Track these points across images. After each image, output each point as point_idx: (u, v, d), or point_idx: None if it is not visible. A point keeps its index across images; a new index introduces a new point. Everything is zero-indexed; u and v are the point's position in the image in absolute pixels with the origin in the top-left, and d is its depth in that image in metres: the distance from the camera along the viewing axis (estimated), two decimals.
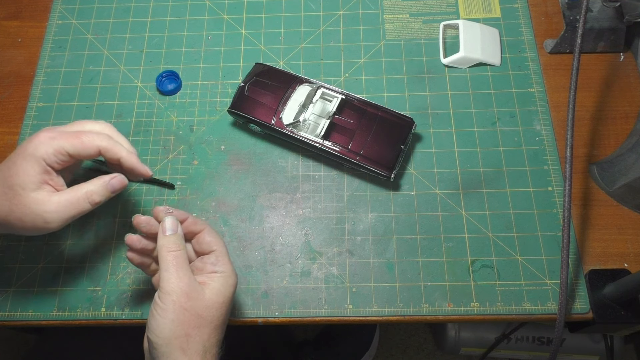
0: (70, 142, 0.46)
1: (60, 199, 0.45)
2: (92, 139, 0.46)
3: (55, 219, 0.45)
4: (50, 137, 0.46)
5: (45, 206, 0.45)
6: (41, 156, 0.45)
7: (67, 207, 0.45)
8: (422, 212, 0.58)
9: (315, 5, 0.70)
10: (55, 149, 0.45)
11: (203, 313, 0.43)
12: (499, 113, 0.62)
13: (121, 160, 0.48)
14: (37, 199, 0.45)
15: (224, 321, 0.45)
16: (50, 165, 0.46)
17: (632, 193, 0.56)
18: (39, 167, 0.45)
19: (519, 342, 0.96)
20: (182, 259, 0.45)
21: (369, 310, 0.54)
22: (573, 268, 0.55)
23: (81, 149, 0.46)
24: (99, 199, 0.47)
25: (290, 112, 0.59)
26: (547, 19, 0.67)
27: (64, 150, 0.46)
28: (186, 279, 0.43)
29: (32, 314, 0.55)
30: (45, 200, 0.45)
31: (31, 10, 0.72)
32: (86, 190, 0.46)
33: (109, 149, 0.47)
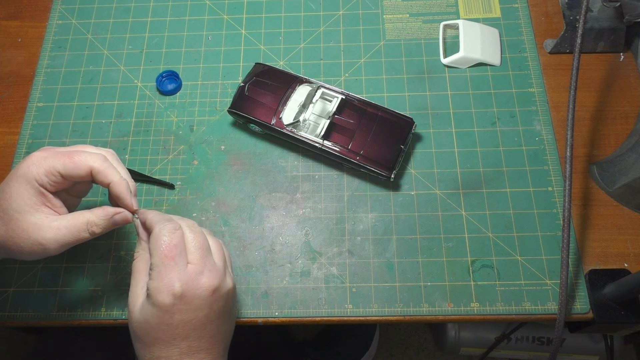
0: (62, 161, 0.43)
1: (60, 225, 0.43)
2: (84, 159, 0.44)
3: (53, 246, 0.43)
4: (42, 156, 0.44)
5: (43, 232, 0.42)
6: (33, 177, 0.43)
7: (66, 235, 0.43)
8: (422, 212, 0.58)
9: (315, 5, 0.70)
10: (46, 169, 0.43)
11: (133, 328, 0.44)
12: (499, 113, 0.62)
13: (111, 185, 0.45)
14: (35, 224, 0.43)
15: (157, 339, 0.43)
16: (43, 186, 0.43)
17: (632, 193, 0.56)
18: (32, 188, 0.43)
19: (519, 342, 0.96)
20: (136, 267, 0.45)
21: (369, 310, 0.54)
22: (573, 268, 0.55)
23: (72, 168, 0.43)
24: (99, 230, 0.44)
25: (290, 112, 0.59)
26: (547, 19, 0.67)
27: (55, 169, 0.43)
28: (132, 290, 0.45)
29: (32, 314, 0.55)
30: (43, 225, 0.43)
31: (31, 10, 0.72)
32: (87, 220, 0.44)
33: (100, 171, 0.44)
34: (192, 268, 0.42)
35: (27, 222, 0.42)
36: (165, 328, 0.42)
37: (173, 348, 0.42)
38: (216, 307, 0.43)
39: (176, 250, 0.42)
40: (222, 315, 0.44)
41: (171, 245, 0.42)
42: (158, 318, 0.42)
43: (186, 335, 0.42)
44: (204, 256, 0.43)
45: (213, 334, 0.44)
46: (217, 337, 0.44)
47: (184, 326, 0.42)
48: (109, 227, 0.45)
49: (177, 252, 0.42)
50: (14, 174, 0.44)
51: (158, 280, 0.41)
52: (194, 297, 0.42)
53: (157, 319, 0.42)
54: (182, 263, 0.42)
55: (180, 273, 0.42)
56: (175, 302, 0.41)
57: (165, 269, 0.41)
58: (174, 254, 0.42)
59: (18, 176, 0.43)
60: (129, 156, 0.62)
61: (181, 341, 0.42)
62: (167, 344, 0.42)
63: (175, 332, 0.42)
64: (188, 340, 0.43)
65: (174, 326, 0.42)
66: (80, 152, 0.44)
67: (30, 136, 0.64)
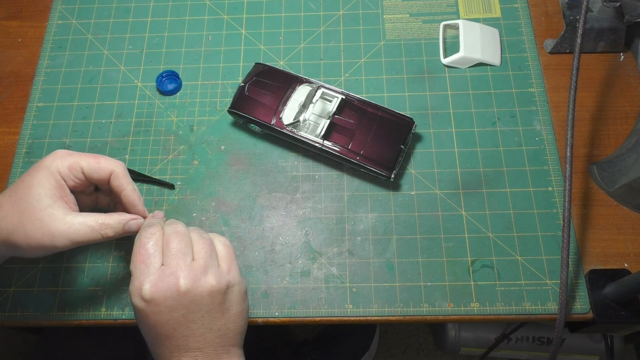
0: (87, 160, 0.46)
1: (74, 220, 0.44)
2: (108, 162, 0.47)
3: (62, 240, 0.43)
4: (67, 152, 0.46)
5: (57, 223, 0.43)
6: (57, 169, 0.45)
7: (78, 232, 0.44)
8: (422, 212, 0.58)
9: (315, 5, 0.70)
10: (70, 164, 0.45)
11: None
12: (499, 113, 0.62)
13: (124, 192, 0.47)
14: (51, 213, 0.43)
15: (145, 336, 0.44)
16: (65, 179, 0.45)
17: (632, 193, 0.56)
18: (54, 179, 0.44)
19: (519, 342, 0.96)
20: None
21: (369, 310, 0.54)
22: (573, 268, 0.55)
23: (96, 168, 0.46)
24: (112, 234, 0.45)
25: (290, 112, 0.59)
26: (547, 19, 0.67)
27: (79, 166, 0.46)
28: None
29: (32, 314, 0.55)
30: (58, 217, 0.43)
31: (31, 10, 0.72)
32: (102, 222, 0.45)
33: (120, 177, 0.47)
34: (162, 270, 0.42)
35: (44, 211, 0.43)
36: (147, 329, 0.43)
37: (161, 347, 0.43)
38: (195, 307, 0.42)
39: (146, 253, 0.43)
40: (211, 314, 0.43)
41: (143, 248, 0.43)
42: (139, 319, 0.43)
43: (168, 334, 0.42)
44: (178, 256, 0.43)
45: (202, 333, 0.43)
46: (207, 336, 0.43)
47: (162, 326, 0.42)
48: (121, 232, 0.46)
49: (148, 255, 0.43)
50: (37, 166, 0.45)
51: (131, 283, 0.42)
52: (165, 299, 0.42)
53: (139, 320, 0.43)
54: (153, 266, 0.42)
55: (150, 276, 0.42)
56: (145, 305, 0.42)
57: (136, 272, 0.42)
58: (144, 257, 0.43)
59: (42, 167, 0.45)
60: (129, 156, 0.62)
61: (165, 340, 0.43)
62: (156, 343, 0.43)
63: (157, 331, 0.42)
64: (173, 339, 0.43)
65: (153, 326, 0.42)
66: (104, 156, 0.48)
67: (30, 136, 0.64)
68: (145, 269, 0.42)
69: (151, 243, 0.43)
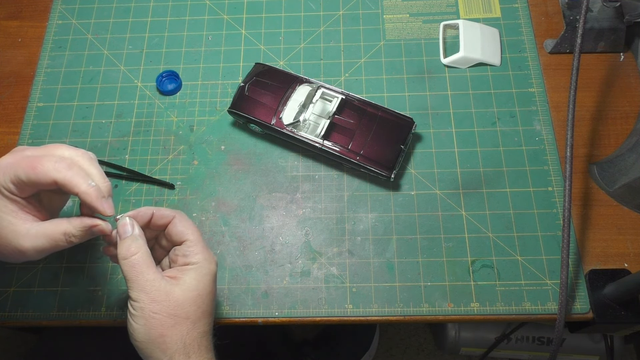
0: (24, 170, 0.41)
1: (38, 233, 0.42)
2: (46, 169, 0.41)
3: (31, 252, 0.42)
4: (9, 163, 0.42)
5: (20, 239, 0.42)
6: (1, 185, 0.41)
7: (44, 243, 0.42)
8: (422, 212, 0.58)
9: (315, 5, 0.70)
10: (11, 178, 0.41)
11: (175, 312, 0.42)
12: (499, 113, 0.62)
13: (79, 195, 0.41)
14: (12, 231, 0.42)
15: (205, 312, 0.44)
16: (13, 193, 0.42)
17: (632, 193, 0.56)
18: (3, 196, 0.42)
19: (519, 342, 0.96)
20: (141, 262, 0.42)
21: (369, 310, 0.54)
22: (573, 268, 0.55)
23: (34, 179, 0.41)
24: (77, 240, 0.43)
25: (290, 112, 0.59)
26: (547, 19, 0.67)
27: (19, 179, 0.41)
28: (148, 283, 0.42)
29: (32, 314, 0.55)
30: (20, 232, 0.42)
31: (31, 10, 0.72)
32: (64, 231, 0.42)
33: (65, 182, 0.41)
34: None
35: (6, 229, 0.42)
36: (212, 297, 0.45)
37: (211, 319, 0.45)
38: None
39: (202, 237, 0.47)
40: None
41: (197, 227, 0.47)
42: (210, 287, 0.44)
43: (214, 309, 0.46)
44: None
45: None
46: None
47: (215, 296, 0.45)
48: (87, 237, 0.44)
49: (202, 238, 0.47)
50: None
51: (207, 252, 0.45)
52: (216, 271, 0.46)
53: (209, 288, 0.44)
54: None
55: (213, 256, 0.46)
56: (216, 271, 0.46)
57: (206, 244, 0.46)
58: (201, 234, 0.47)
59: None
60: (129, 156, 0.62)
61: (213, 315, 0.45)
62: (210, 315, 0.45)
63: (214, 301, 0.45)
64: (213, 315, 0.46)
65: (215, 294, 0.45)
66: (45, 159, 0.41)
67: (30, 136, 0.64)
68: (209, 249, 0.46)
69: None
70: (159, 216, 0.46)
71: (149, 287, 0.42)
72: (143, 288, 0.42)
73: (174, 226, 0.46)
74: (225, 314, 0.54)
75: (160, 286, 0.42)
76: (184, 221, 0.46)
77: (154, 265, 0.43)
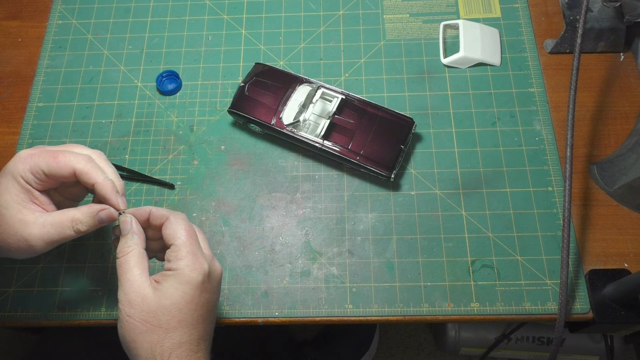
0: (46, 160, 0.43)
1: (45, 222, 0.43)
2: (67, 159, 0.43)
3: (38, 242, 0.43)
4: (29, 154, 0.44)
5: (28, 228, 0.42)
6: (19, 174, 0.43)
7: (51, 232, 0.43)
8: (422, 212, 0.58)
9: (315, 5, 0.70)
10: (31, 167, 0.43)
11: (147, 318, 0.40)
12: (499, 113, 0.62)
13: (95, 186, 0.44)
14: (21, 220, 0.43)
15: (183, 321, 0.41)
16: (29, 183, 0.43)
17: (632, 193, 0.56)
18: (19, 185, 0.43)
19: (519, 342, 0.96)
20: (129, 261, 0.42)
21: (369, 310, 0.54)
22: (573, 268, 0.55)
23: (55, 168, 0.43)
24: (85, 228, 0.44)
25: (290, 112, 0.59)
26: (547, 19, 0.67)
27: (39, 168, 0.43)
28: (128, 283, 0.41)
29: (32, 314, 0.55)
30: (29, 222, 0.43)
31: (31, 10, 0.72)
32: (72, 218, 0.43)
33: (84, 172, 0.43)
34: (208, 253, 0.44)
35: (14, 218, 0.43)
36: (194, 307, 0.42)
37: (195, 331, 0.42)
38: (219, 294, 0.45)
39: (195, 235, 0.44)
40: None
41: (193, 230, 0.44)
42: (189, 297, 0.42)
43: (205, 317, 0.43)
44: (207, 246, 0.45)
45: (213, 321, 0.45)
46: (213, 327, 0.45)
47: (206, 306, 0.43)
48: (94, 224, 0.44)
49: (196, 238, 0.44)
50: (3, 171, 0.44)
51: (191, 259, 0.42)
52: (214, 279, 0.44)
53: (188, 298, 0.42)
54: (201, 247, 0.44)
55: (204, 256, 0.44)
56: (204, 280, 0.42)
57: (196, 250, 0.43)
58: (196, 239, 0.44)
59: (6, 173, 0.44)
60: (129, 156, 0.62)
61: (202, 323, 0.43)
62: (192, 326, 0.42)
63: (200, 312, 0.42)
64: (204, 324, 0.43)
65: (201, 305, 0.42)
66: (65, 152, 0.44)
67: (30, 136, 0.64)
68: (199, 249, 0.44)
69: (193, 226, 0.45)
70: (156, 216, 0.45)
71: (128, 287, 0.41)
72: (123, 288, 0.41)
73: (165, 228, 0.44)
74: (225, 314, 0.55)
75: (139, 289, 0.41)
76: (176, 224, 0.44)
77: (143, 267, 0.42)
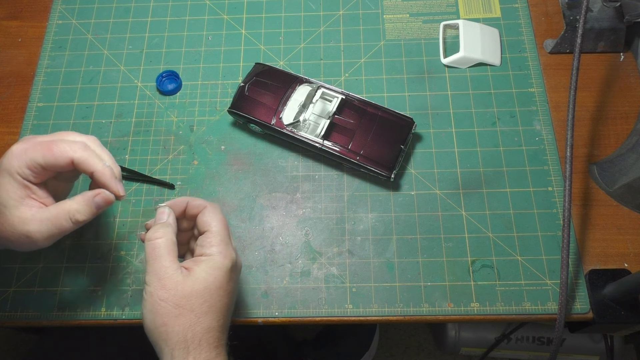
0: (41, 153, 0.42)
1: (43, 217, 0.43)
2: (63, 150, 0.43)
3: (39, 238, 0.43)
4: (22, 149, 0.43)
5: (27, 225, 0.42)
6: (15, 171, 0.42)
7: (49, 227, 0.43)
8: (422, 212, 0.58)
9: (315, 5, 0.70)
10: (27, 163, 0.43)
11: (181, 303, 0.41)
12: (499, 113, 0.62)
13: (94, 174, 0.44)
14: (19, 217, 0.42)
15: (213, 306, 0.43)
16: (26, 179, 0.43)
17: (632, 193, 0.56)
18: (16, 182, 0.43)
19: (519, 342, 0.96)
20: (162, 247, 0.43)
21: (369, 310, 0.54)
22: (573, 268, 0.55)
23: (52, 160, 0.43)
24: (82, 217, 0.44)
25: (290, 112, 0.59)
26: (547, 19, 0.67)
27: (36, 162, 0.43)
28: (162, 269, 0.42)
29: (32, 314, 0.55)
30: (27, 218, 0.43)
31: (31, 10, 0.72)
32: (68, 210, 0.43)
33: (82, 161, 0.43)
34: (234, 247, 0.47)
35: (13, 215, 0.43)
36: (222, 294, 0.43)
37: (223, 318, 0.44)
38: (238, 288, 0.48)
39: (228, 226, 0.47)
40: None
41: (226, 221, 0.47)
42: (219, 282, 0.43)
43: (228, 307, 0.45)
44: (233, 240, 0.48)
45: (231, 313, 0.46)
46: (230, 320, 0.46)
47: (230, 295, 0.44)
48: (92, 211, 0.44)
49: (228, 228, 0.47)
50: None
51: (224, 246, 0.44)
52: (238, 271, 0.46)
53: (218, 283, 0.43)
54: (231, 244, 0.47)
55: (233, 246, 0.46)
56: (232, 269, 0.44)
57: (227, 239, 0.45)
58: (228, 229, 0.46)
59: (1, 170, 0.43)
60: (129, 156, 0.62)
61: (227, 311, 0.44)
62: (220, 313, 0.43)
63: (226, 301, 0.44)
64: (228, 313, 0.45)
65: (227, 293, 0.44)
66: (60, 142, 0.43)
67: None
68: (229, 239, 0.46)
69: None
70: (192, 206, 0.47)
71: (162, 273, 0.42)
72: (157, 273, 0.42)
73: (202, 215, 0.46)
74: None
75: (172, 275, 0.42)
76: (212, 213, 0.46)
77: (174, 255, 0.44)
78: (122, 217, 0.59)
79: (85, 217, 0.44)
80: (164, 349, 0.42)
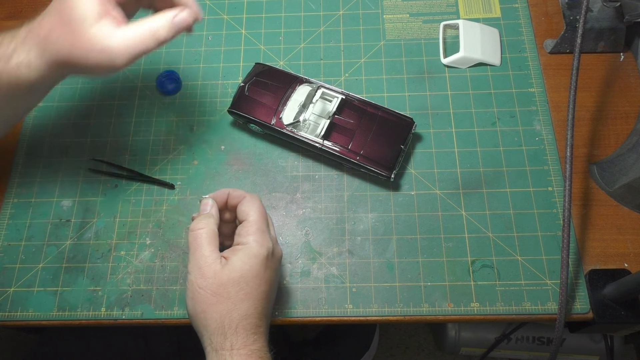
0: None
1: (126, 33, 0.42)
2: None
3: (119, 55, 0.42)
4: None
5: (109, 41, 0.41)
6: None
7: (133, 43, 0.42)
8: (422, 212, 0.58)
9: (315, 5, 0.70)
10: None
11: (218, 291, 0.43)
12: (499, 113, 0.62)
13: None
14: (100, 32, 0.41)
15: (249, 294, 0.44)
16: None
17: (632, 193, 0.56)
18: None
19: (519, 342, 0.96)
20: (203, 237, 0.44)
21: (369, 310, 0.54)
22: (573, 268, 0.55)
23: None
24: (165, 34, 0.44)
25: (290, 112, 0.59)
26: (547, 19, 0.67)
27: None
28: (203, 258, 0.44)
29: (32, 314, 0.55)
30: (108, 34, 0.41)
31: (31, 10, 0.72)
32: (150, 27, 0.43)
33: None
34: (273, 235, 0.48)
35: (92, 30, 0.42)
36: (259, 282, 0.44)
37: (260, 305, 0.44)
38: (279, 277, 0.48)
39: (266, 216, 0.48)
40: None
41: (264, 211, 0.48)
42: (255, 271, 0.44)
43: (267, 295, 0.45)
44: (273, 230, 0.49)
45: (273, 302, 0.47)
46: (272, 310, 0.48)
47: (268, 283, 0.45)
48: (173, 29, 0.45)
49: (266, 218, 0.48)
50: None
51: (260, 235, 0.45)
52: (276, 260, 0.47)
53: (254, 272, 0.44)
54: (269, 228, 0.48)
55: (270, 235, 0.47)
56: (268, 257, 0.45)
57: (264, 228, 0.46)
58: (266, 219, 0.47)
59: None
60: (129, 156, 0.62)
61: (265, 299, 0.45)
62: (257, 300, 0.44)
63: (264, 288, 0.45)
64: (267, 300, 0.45)
65: (265, 281, 0.45)
66: None
67: (30, 136, 0.64)
68: (267, 229, 0.47)
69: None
70: (233, 196, 0.48)
71: (203, 262, 0.44)
72: (197, 262, 0.44)
73: (241, 205, 0.47)
74: None
75: (212, 264, 0.43)
76: (252, 202, 0.47)
77: (215, 245, 0.45)
78: (122, 217, 0.59)
79: (166, 36, 0.44)
80: (204, 335, 0.43)
